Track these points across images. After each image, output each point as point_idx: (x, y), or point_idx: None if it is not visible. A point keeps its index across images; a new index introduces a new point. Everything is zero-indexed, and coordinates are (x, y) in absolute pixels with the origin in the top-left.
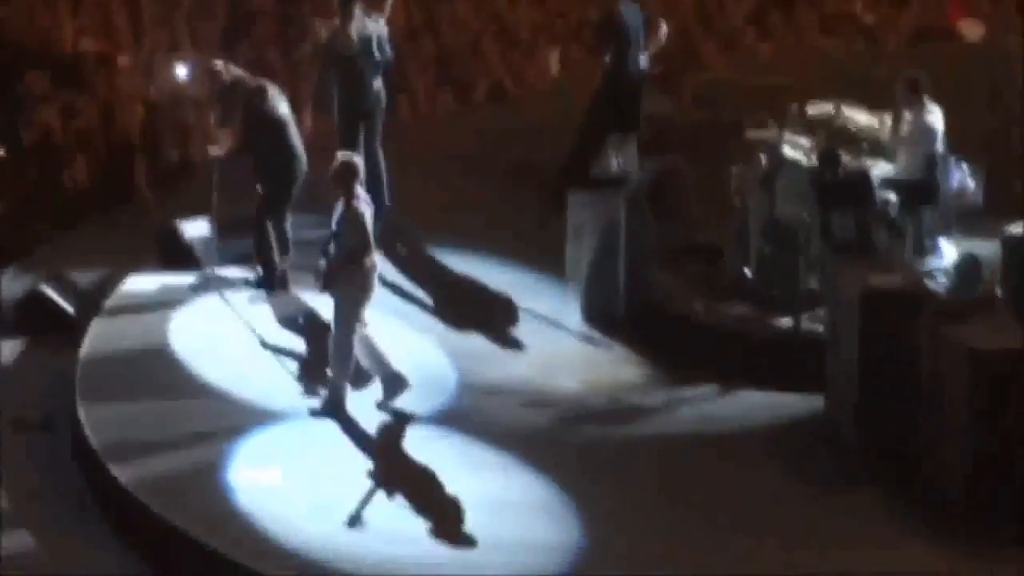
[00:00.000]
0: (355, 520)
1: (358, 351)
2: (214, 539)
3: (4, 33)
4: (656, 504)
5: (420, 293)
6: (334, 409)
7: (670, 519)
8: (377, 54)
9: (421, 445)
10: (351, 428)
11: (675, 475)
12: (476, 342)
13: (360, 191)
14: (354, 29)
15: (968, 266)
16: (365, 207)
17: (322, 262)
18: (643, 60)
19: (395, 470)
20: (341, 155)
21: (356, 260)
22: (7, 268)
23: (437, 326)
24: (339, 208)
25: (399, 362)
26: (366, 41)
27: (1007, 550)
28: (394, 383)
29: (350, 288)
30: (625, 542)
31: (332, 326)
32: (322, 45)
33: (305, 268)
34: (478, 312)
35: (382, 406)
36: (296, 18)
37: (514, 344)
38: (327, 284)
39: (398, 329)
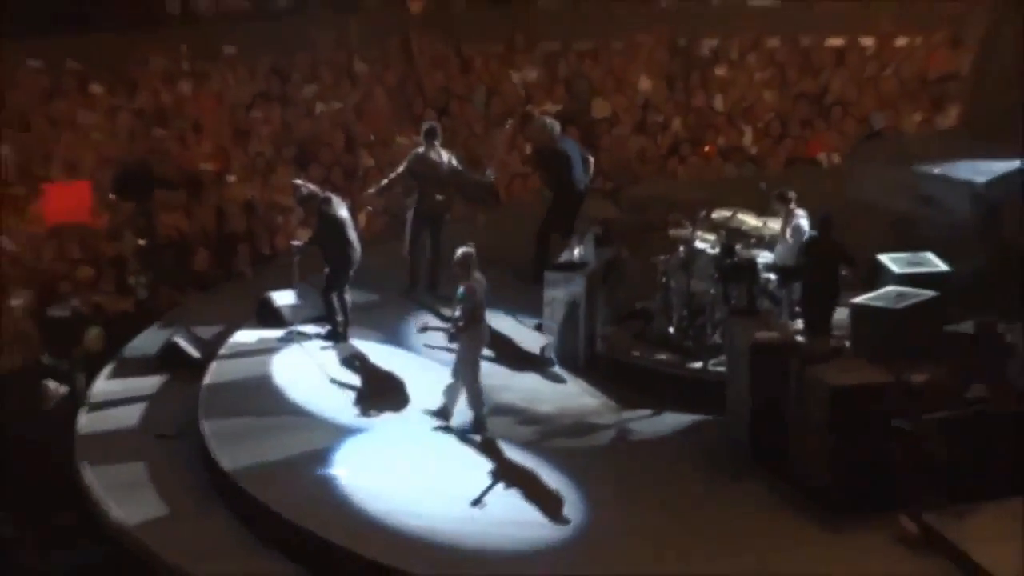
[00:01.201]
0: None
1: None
2: (297, 512)
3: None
4: (611, 493)
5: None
6: (479, 429)
7: (622, 505)
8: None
9: (455, 447)
10: (415, 438)
11: (625, 472)
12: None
13: (476, 273)
14: (433, 154)
15: None
16: (479, 284)
17: (452, 323)
18: (583, 182)
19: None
20: (462, 249)
21: (475, 320)
22: (152, 325)
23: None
24: (461, 285)
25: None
26: (438, 164)
27: (864, 530)
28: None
29: (472, 341)
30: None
31: (458, 368)
32: (408, 165)
33: (359, 325)
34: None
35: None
36: (352, 147)
37: (507, 380)
38: (455, 338)
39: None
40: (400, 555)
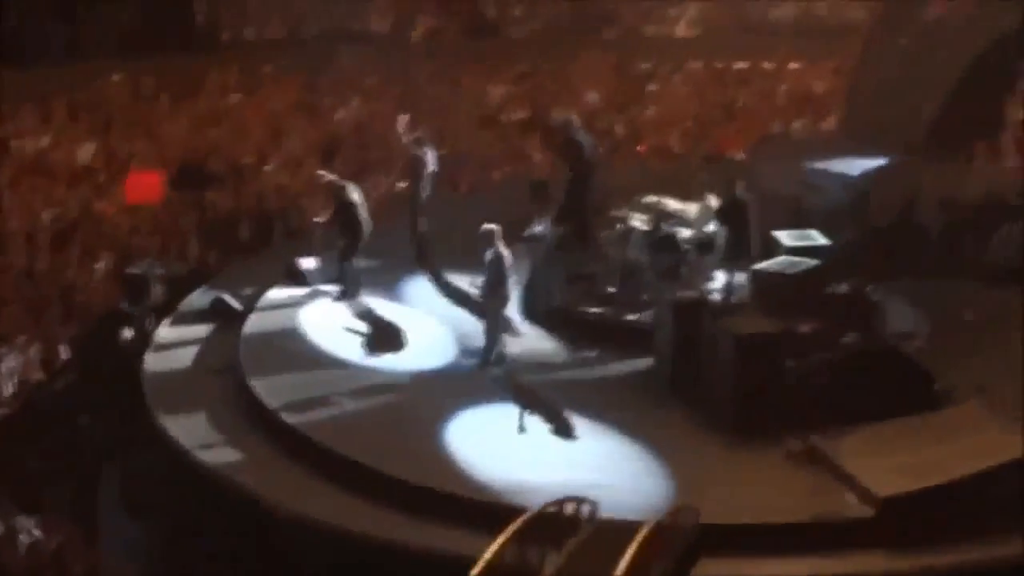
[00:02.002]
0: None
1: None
2: (316, 431)
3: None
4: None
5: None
6: (486, 362)
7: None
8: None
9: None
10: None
11: (578, 401)
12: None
13: (501, 245)
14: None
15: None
16: (505, 253)
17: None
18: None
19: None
20: (486, 225)
21: (501, 283)
22: (203, 285)
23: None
24: (487, 255)
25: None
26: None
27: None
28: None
29: (496, 300)
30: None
31: (487, 321)
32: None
33: (367, 286)
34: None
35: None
36: (371, 145)
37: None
38: (483, 298)
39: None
40: (397, 465)
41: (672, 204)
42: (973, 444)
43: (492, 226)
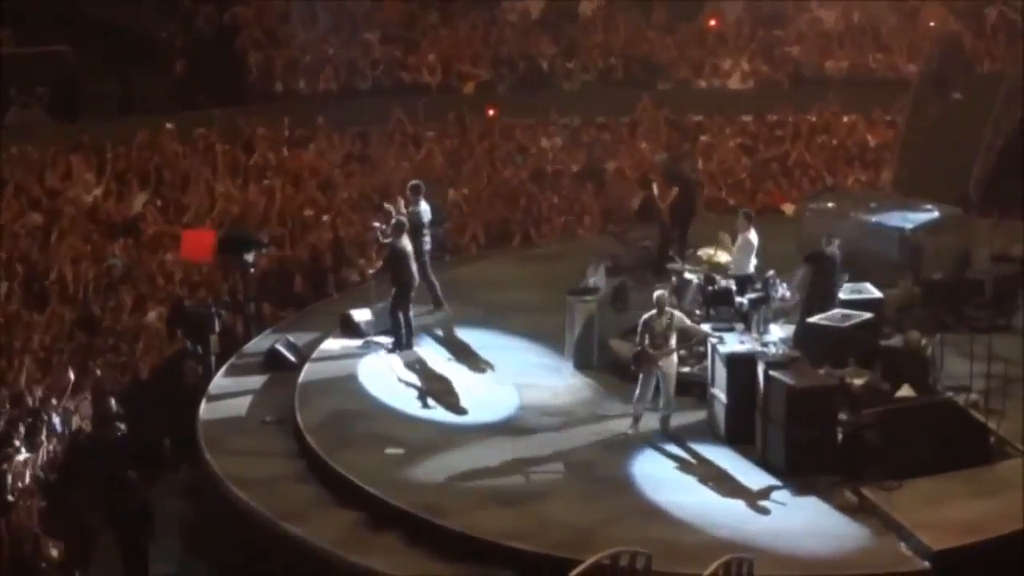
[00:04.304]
0: None
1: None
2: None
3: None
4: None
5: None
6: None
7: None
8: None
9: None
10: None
11: (633, 453)
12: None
13: (671, 310)
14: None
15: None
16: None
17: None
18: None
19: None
20: (658, 292)
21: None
22: (258, 335)
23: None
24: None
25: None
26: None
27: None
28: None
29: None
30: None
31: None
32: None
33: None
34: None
35: None
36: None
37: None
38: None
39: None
40: (448, 516)
41: (725, 257)
42: None
43: (663, 292)
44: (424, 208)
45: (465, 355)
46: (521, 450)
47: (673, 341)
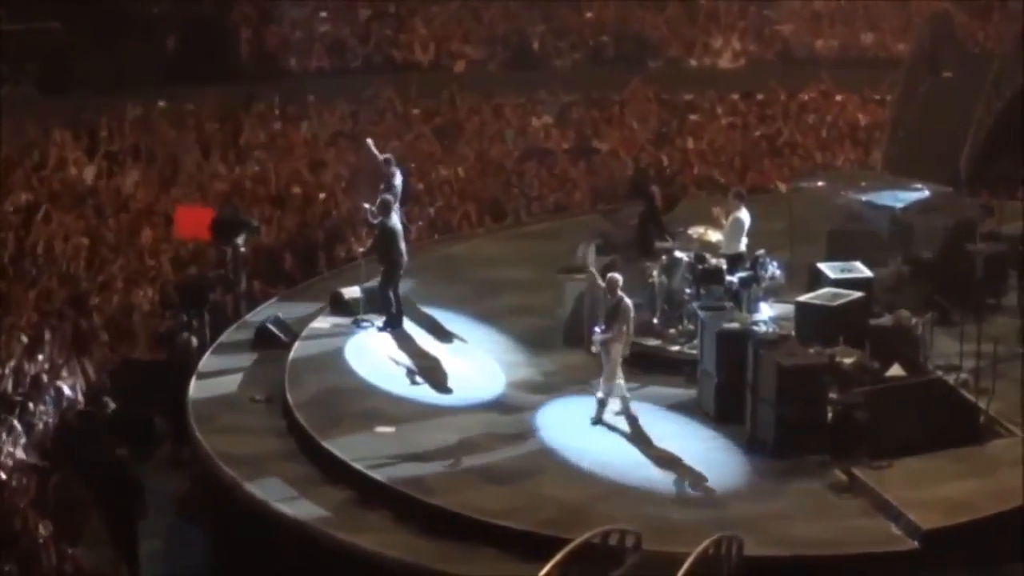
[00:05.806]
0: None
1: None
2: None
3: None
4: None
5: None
6: (601, 408)
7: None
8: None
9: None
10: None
11: (620, 431)
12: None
13: (622, 294)
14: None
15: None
16: (629, 302)
17: (598, 330)
18: None
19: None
20: (611, 275)
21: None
22: (248, 313)
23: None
24: (609, 301)
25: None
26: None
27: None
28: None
29: (615, 344)
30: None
31: (606, 363)
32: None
33: (407, 314)
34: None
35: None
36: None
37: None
38: (603, 342)
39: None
40: (439, 494)
41: (715, 237)
42: (1017, 478)
43: (617, 275)
44: (397, 177)
45: (455, 333)
46: (511, 428)
47: (623, 328)
